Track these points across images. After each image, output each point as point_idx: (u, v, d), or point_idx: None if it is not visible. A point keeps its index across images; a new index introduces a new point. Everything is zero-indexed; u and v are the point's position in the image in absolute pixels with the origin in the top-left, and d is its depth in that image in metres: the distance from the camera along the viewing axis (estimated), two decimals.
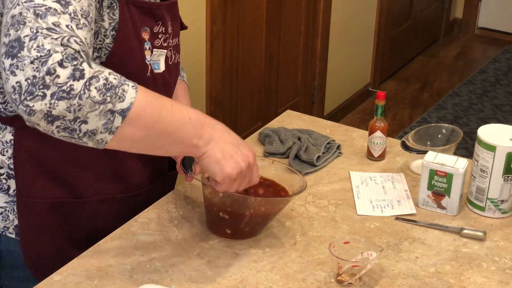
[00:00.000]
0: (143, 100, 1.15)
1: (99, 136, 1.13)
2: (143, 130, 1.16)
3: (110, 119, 1.12)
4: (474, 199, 1.56)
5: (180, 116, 1.21)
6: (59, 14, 1.11)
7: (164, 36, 1.42)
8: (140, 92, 1.15)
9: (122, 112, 1.12)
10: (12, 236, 1.43)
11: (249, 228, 1.43)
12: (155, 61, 1.41)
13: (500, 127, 1.56)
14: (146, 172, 1.53)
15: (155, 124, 1.17)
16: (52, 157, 1.38)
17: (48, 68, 1.06)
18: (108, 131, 1.13)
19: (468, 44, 5.39)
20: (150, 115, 1.16)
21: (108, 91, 1.11)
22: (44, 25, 1.09)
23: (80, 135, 1.12)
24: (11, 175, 1.39)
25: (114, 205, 1.48)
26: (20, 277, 1.46)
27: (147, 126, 1.16)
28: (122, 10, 1.31)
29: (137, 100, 1.14)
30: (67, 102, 1.08)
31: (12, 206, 1.41)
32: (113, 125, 1.13)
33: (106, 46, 1.31)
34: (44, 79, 1.06)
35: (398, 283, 1.35)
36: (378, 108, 1.72)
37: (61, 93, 1.07)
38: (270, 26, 3.33)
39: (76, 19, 1.13)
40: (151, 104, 1.16)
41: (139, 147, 1.21)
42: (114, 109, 1.12)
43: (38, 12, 1.10)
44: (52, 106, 1.07)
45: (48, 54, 1.07)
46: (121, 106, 1.12)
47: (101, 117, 1.11)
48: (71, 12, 1.13)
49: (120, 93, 1.12)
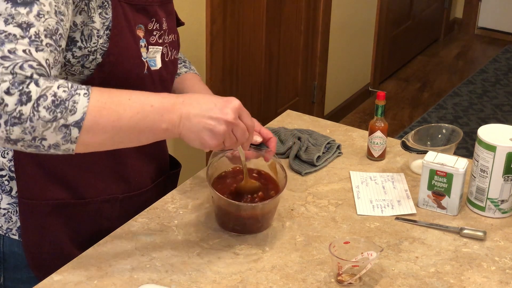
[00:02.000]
0: (96, 106, 1.16)
1: (63, 147, 1.16)
2: (105, 132, 1.18)
3: (67, 133, 1.14)
4: (474, 199, 1.56)
5: (141, 107, 1.21)
6: (18, 39, 1.13)
7: (159, 33, 1.43)
8: (93, 98, 1.16)
9: (76, 124, 1.14)
10: (15, 237, 1.43)
11: (235, 225, 1.44)
12: (151, 58, 1.41)
13: (500, 127, 1.56)
14: (148, 171, 1.53)
15: (115, 124, 1.18)
16: (53, 158, 1.37)
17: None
18: (69, 142, 1.16)
19: (468, 44, 5.39)
20: (107, 117, 1.17)
21: (57, 107, 1.13)
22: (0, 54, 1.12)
23: (46, 149, 1.16)
24: (12, 177, 1.39)
25: (116, 205, 1.48)
26: (23, 278, 1.46)
27: (108, 128, 1.17)
28: (115, 9, 1.32)
29: (90, 107, 1.15)
30: (21, 127, 1.12)
31: (15, 208, 1.41)
32: (72, 137, 1.15)
33: (101, 46, 1.31)
34: None
35: (398, 283, 1.35)
36: (378, 108, 1.72)
37: (13, 120, 1.11)
38: (270, 26, 3.33)
39: (36, 42, 1.15)
40: (107, 106, 1.17)
41: (109, 146, 1.22)
42: (67, 123, 1.14)
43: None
44: (9, 132, 1.12)
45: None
46: (74, 118, 1.14)
47: (58, 133, 1.14)
48: (31, 35, 1.14)
49: (71, 106, 1.14)
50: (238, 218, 1.43)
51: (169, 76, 1.49)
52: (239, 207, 1.42)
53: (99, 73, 1.31)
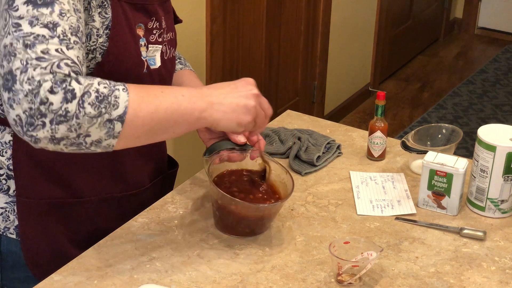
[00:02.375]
0: (136, 100, 1.19)
1: (104, 143, 1.19)
2: (144, 125, 1.21)
3: (111, 127, 1.17)
4: (474, 199, 1.56)
5: (174, 98, 1.24)
6: (47, 39, 1.15)
7: (159, 32, 1.43)
8: (132, 92, 1.19)
9: (119, 118, 1.17)
10: (13, 236, 1.43)
11: (238, 227, 1.43)
12: (151, 57, 1.41)
13: (500, 127, 1.56)
14: (146, 170, 1.53)
15: (153, 116, 1.21)
16: (51, 157, 1.37)
17: (41, 98, 1.12)
18: (111, 137, 1.18)
19: (468, 44, 5.39)
20: (146, 110, 1.20)
21: (101, 103, 1.16)
22: (34, 55, 1.13)
23: (87, 146, 1.18)
24: (10, 176, 1.39)
25: (114, 204, 1.48)
26: (21, 277, 1.46)
27: (147, 120, 1.21)
28: (114, 8, 1.32)
29: (130, 102, 1.18)
30: (66, 124, 1.14)
31: (13, 207, 1.41)
32: (115, 131, 1.18)
33: (101, 45, 1.31)
34: (40, 109, 1.12)
35: (398, 283, 1.35)
36: (378, 108, 1.72)
37: (59, 118, 1.13)
38: (270, 26, 3.33)
39: (65, 40, 1.17)
40: (144, 99, 1.21)
41: (146, 139, 1.25)
42: (112, 118, 1.17)
43: (27, 42, 1.14)
44: (54, 131, 1.14)
45: (38, 85, 1.12)
46: (117, 113, 1.17)
47: (102, 128, 1.17)
48: (59, 34, 1.16)
49: (113, 101, 1.17)
50: (250, 220, 1.42)
51: (168, 75, 1.49)
52: (258, 209, 1.41)
53: (99, 73, 1.31)
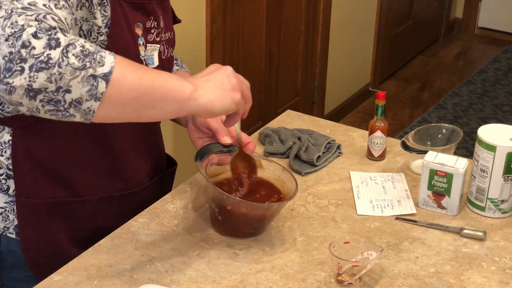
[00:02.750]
0: (122, 63, 1.13)
1: (85, 104, 1.10)
2: (130, 90, 1.13)
3: (94, 85, 1.09)
4: (474, 199, 1.56)
5: (159, 73, 1.20)
6: None
7: (157, 31, 1.43)
8: (118, 57, 1.13)
9: (104, 76, 1.10)
10: (13, 236, 1.43)
11: (245, 228, 1.43)
12: (149, 56, 1.41)
13: (500, 127, 1.56)
14: (145, 169, 1.53)
15: (140, 81, 1.14)
16: (50, 156, 1.38)
17: (23, 41, 1.04)
18: (94, 97, 1.10)
19: (468, 44, 5.39)
20: (133, 74, 1.14)
21: (86, 57, 1.08)
22: (19, 5, 1.08)
23: (65, 106, 1.09)
24: (10, 176, 1.39)
25: (113, 203, 1.48)
26: (21, 277, 1.46)
27: (134, 85, 1.13)
28: (113, 6, 1.32)
29: (117, 63, 1.11)
30: (47, 72, 1.06)
31: (12, 206, 1.41)
32: (98, 91, 1.10)
33: (101, 43, 1.31)
34: (20, 53, 1.04)
35: (398, 283, 1.35)
36: (378, 108, 1.72)
37: (39, 64, 1.05)
38: (270, 26, 3.33)
39: (54, 0, 1.13)
40: (131, 65, 1.15)
41: (130, 111, 1.16)
42: (96, 74, 1.09)
43: None
44: (32, 79, 1.05)
45: (21, 28, 1.05)
46: (102, 70, 1.09)
47: (84, 84, 1.08)
48: None
49: (99, 58, 1.10)
50: (255, 220, 1.42)
51: None
52: (269, 208, 1.40)
53: None
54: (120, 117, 1.17)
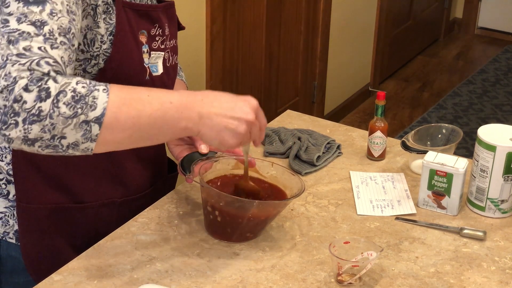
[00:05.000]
0: (116, 101, 1.13)
1: (82, 146, 1.13)
2: (125, 130, 1.15)
3: (87, 129, 1.12)
4: (474, 199, 1.56)
5: (160, 104, 1.19)
6: (32, 37, 1.12)
7: (162, 39, 1.42)
8: (112, 93, 1.14)
9: (97, 120, 1.12)
10: (13, 241, 1.42)
11: (246, 231, 1.43)
12: (153, 64, 1.40)
13: (500, 127, 1.56)
14: (146, 174, 1.52)
15: (135, 120, 1.15)
16: (51, 162, 1.37)
17: (15, 96, 1.07)
18: (89, 140, 1.13)
19: (468, 44, 5.39)
20: (127, 114, 1.14)
21: (77, 103, 1.10)
22: (15, 51, 1.10)
23: (64, 149, 1.13)
24: (10, 181, 1.38)
25: (114, 209, 1.47)
26: (21, 282, 1.46)
27: (127, 125, 1.15)
28: (118, 14, 1.31)
29: (109, 103, 1.12)
30: (40, 124, 1.09)
31: (12, 211, 1.40)
32: (92, 134, 1.12)
33: (104, 51, 1.31)
34: (13, 107, 1.08)
35: (398, 283, 1.35)
36: (378, 108, 1.72)
37: (32, 117, 1.08)
38: (270, 26, 3.33)
39: (51, 39, 1.13)
40: (126, 102, 1.15)
41: (128, 144, 1.20)
42: (88, 119, 1.11)
43: (11, 38, 1.11)
44: (27, 131, 1.09)
45: (14, 81, 1.08)
46: (94, 114, 1.11)
47: (78, 130, 1.11)
48: (46, 32, 1.13)
49: (91, 101, 1.11)
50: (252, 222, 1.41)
51: (170, 82, 1.48)
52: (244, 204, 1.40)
53: (101, 79, 1.29)
54: (120, 148, 1.20)
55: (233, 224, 1.41)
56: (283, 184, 1.47)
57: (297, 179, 1.45)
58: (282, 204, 1.43)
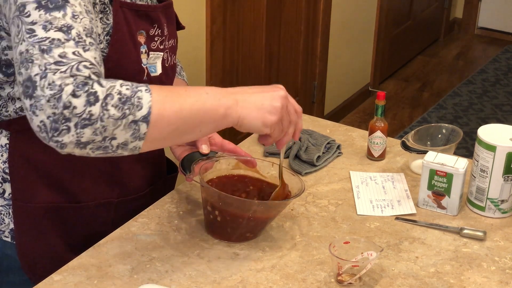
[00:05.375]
0: (159, 99, 1.17)
1: (131, 145, 1.17)
2: (170, 125, 1.19)
3: (136, 129, 1.15)
4: (474, 199, 1.56)
5: (198, 95, 1.23)
6: (63, 43, 1.13)
7: (160, 39, 1.42)
8: (155, 93, 1.18)
9: (144, 119, 1.15)
10: (8, 239, 1.42)
11: (246, 231, 1.43)
12: (152, 64, 1.40)
13: (500, 127, 1.56)
14: (144, 175, 1.52)
15: (178, 115, 1.19)
16: (48, 161, 1.37)
17: (64, 103, 1.10)
18: (137, 138, 1.16)
19: (468, 44, 5.39)
20: (170, 109, 1.18)
21: (125, 104, 1.14)
22: (51, 60, 1.12)
23: (114, 149, 1.17)
24: (6, 179, 1.38)
25: (111, 209, 1.47)
26: (16, 281, 1.45)
27: (172, 120, 1.19)
28: (116, 14, 1.31)
29: (153, 102, 1.16)
30: (91, 128, 1.12)
31: (8, 210, 1.40)
32: (140, 133, 1.16)
33: (100, 51, 1.30)
34: (64, 114, 1.10)
35: (398, 283, 1.35)
36: (378, 108, 1.72)
37: (83, 122, 1.11)
38: (270, 26, 3.33)
39: (81, 42, 1.15)
40: (168, 99, 1.19)
41: (173, 139, 1.25)
42: (136, 119, 1.15)
43: (43, 47, 1.12)
44: (80, 135, 1.12)
45: (60, 89, 1.10)
46: (141, 113, 1.15)
47: (127, 130, 1.15)
48: (74, 36, 1.15)
49: (137, 102, 1.15)
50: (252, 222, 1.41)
51: (168, 82, 1.48)
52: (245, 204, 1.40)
53: None
54: (164, 144, 1.25)
55: (233, 224, 1.41)
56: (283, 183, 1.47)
57: (297, 179, 1.45)
58: (282, 204, 1.43)
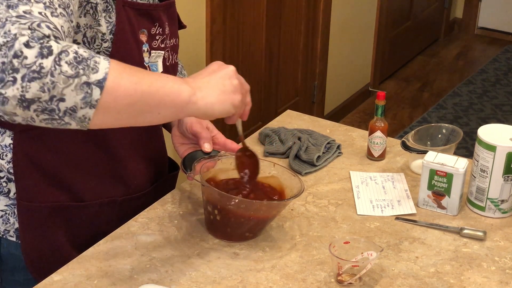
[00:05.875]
0: (117, 68, 1.10)
1: (80, 112, 1.08)
2: (126, 97, 1.11)
3: (88, 92, 1.07)
4: (474, 199, 1.56)
5: (158, 76, 1.18)
6: (32, 3, 1.08)
7: (162, 38, 1.42)
8: (113, 62, 1.11)
9: (98, 83, 1.07)
10: (13, 239, 1.42)
11: (246, 230, 1.43)
12: (153, 63, 1.41)
13: (500, 127, 1.56)
14: (147, 173, 1.52)
15: (136, 87, 1.12)
16: (52, 160, 1.37)
17: (15, 51, 1.03)
18: (88, 105, 1.07)
19: (468, 44, 5.39)
20: (128, 79, 1.11)
21: (79, 64, 1.06)
22: (14, 14, 1.06)
23: (60, 115, 1.07)
24: (11, 179, 1.38)
25: (115, 208, 1.48)
26: (21, 280, 1.46)
27: (129, 91, 1.11)
28: (118, 13, 1.31)
29: (111, 69, 1.09)
30: (39, 82, 1.04)
31: (13, 209, 1.40)
32: (92, 98, 1.07)
33: (104, 50, 1.30)
34: (12, 63, 1.03)
35: (398, 283, 1.35)
36: (378, 108, 1.72)
37: (32, 74, 1.03)
38: (270, 26, 3.33)
39: (51, 8, 1.10)
40: (127, 70, 1.12)
41: (126, 116, 1.14)
42: (90, 81, 1.06)
43: (10, 3, 1.07)
44: (25, 89, 1.03)
45: (14, 38, 1.03)
46: (96, 77, 1.07)
47: (78, 92, 1.06)
48: (46, 1, 1.10)
49: (93, 64, 1.07)
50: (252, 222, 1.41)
51: None
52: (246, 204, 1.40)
53: None
54: (117, 123, 1.15)
55: (233, 223, 1.41)
56: (284, 184, 1.48)
57: (297, 179, 1.45)
58: (282, 204, 1.43)
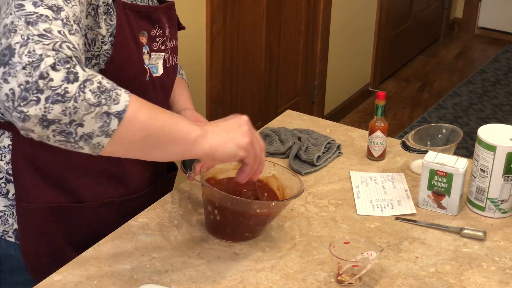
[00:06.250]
0: (137, 103, 1.13)
1: (95, 139, 1.11)
2: (141, 130, 1.14)
3: (106, 122, 1.10)
4: (474, 199, 1.56)
5: (172, 115, 1.20)
6: (51, 20, 1.10)
7: (162, 39, 1.42)
8: (133, 97, 1.14)
9: (118, 114, 1.10)
10: (12, 240, 1.42)
11: (246, 231, 1.43)
12: (153, 65, 1.41)
13: (500, 127, 1.56)
14: (146, 174, 1.52)
15: (152, 122, 1.15)
16: (50, 161, 1.37)
17: (41, 72, 1.04)
18: (105, 134, 1.11)
19: (468, 44, 5.39)
20: (145, 115, 1.14)
21: (102, 94, 1.09)
22: (35, 32, 1.07)
23: (76, 139, 1.10)
24: (9, 180, 1.38)
25: (114, 208, 1.47)
26: (20, 281, 1.46)
27: (144, 125, 1.14)
28: (119, 16, 1.31)
29: (131, 102, 1.12)
30: (62, 105, 1.06)
31: (11, 210, 1.40)
32: (110, 128, 1.10)
33: (105, 52, 1.31)
34: (38, 84, 1.04)
35: (398, 283, 1.35)
36: (378, 108, 1.72)
37: (56, 97, 1.05)
38: (270, 26, 3.33)
39: (68, 25, 1.12)
40: (145, 105, 1.15)
41: (137, 149, 1.17)
42: (110, 111, 1.10)
43: (29, 20, 1.09)
44: (47, 110, 1.06)
45: (40, 58, 1.05)
46: (117, 108, 1.10)
47: (97, 120, 1.09)
48: (63, 18, 1.12)
49: (114, 96, 1.11)
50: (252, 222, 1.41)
51: (170, 82, 1.49)
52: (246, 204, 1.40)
53: None
54: (126, 154, 1.19)
55: (233, 223, 1.41)
56: (283, 184, 1.48)
57: (297, 179, 1.45)
58: (282, 204, 1.43)
